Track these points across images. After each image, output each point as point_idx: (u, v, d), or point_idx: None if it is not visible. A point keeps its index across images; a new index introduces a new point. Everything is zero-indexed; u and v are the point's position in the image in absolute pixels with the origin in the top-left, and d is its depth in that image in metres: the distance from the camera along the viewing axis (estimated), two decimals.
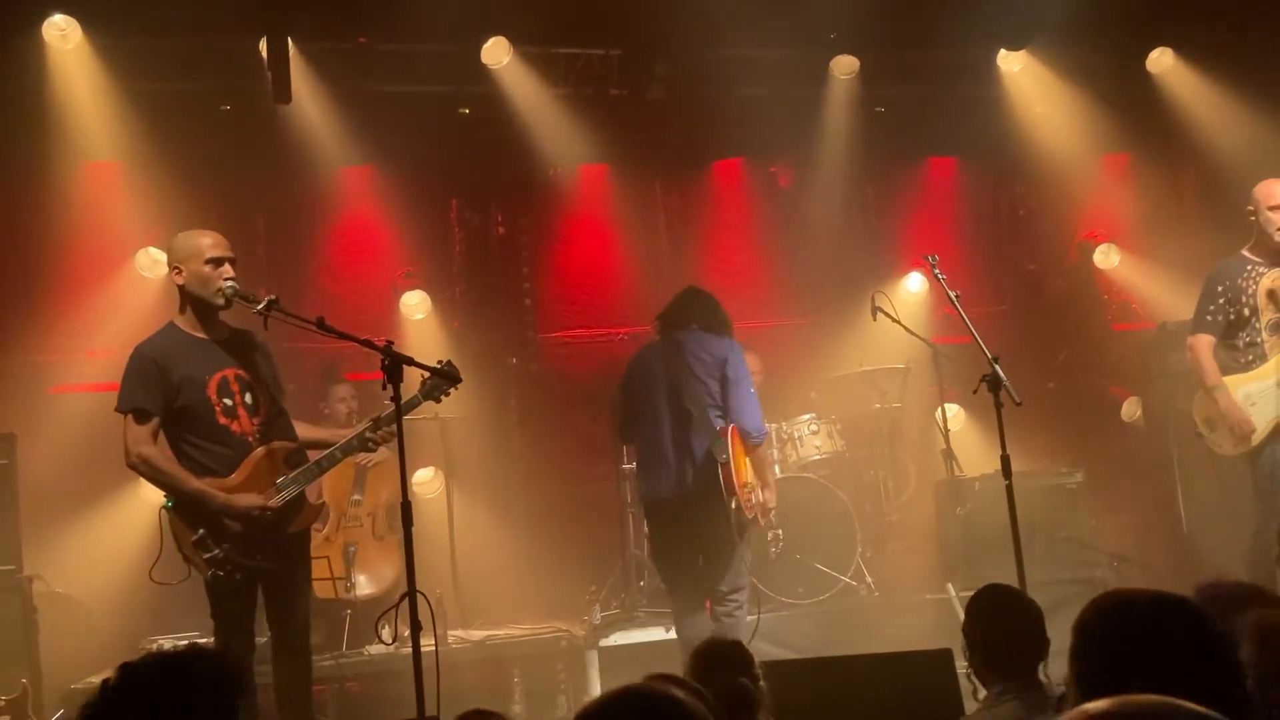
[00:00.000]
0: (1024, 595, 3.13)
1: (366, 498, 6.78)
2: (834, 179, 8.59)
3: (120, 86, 7.12)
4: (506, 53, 7.79)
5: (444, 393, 4.53)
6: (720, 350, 5.56)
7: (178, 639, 5.99)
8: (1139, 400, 8.41)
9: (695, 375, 5.52)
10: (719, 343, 5.61)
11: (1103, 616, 1.90)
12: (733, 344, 5.64)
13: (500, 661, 6.30)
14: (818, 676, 3.76)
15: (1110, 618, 1.90)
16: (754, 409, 5.51)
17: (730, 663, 3.06)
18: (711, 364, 5.55)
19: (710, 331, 5.67)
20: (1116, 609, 1.92)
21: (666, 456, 5.50)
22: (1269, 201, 5.62)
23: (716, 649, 3.26)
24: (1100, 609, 1.92)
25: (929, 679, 3.73)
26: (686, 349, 5.60)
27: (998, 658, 2.90)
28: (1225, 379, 5.71)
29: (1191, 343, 5.85)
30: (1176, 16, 8.22)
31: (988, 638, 2.98)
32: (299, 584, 4.62)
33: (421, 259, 8.18)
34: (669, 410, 5.54)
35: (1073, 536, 6.94)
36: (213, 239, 4.55)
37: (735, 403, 5.47)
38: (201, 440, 4.49)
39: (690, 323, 5.71)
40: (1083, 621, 1.92)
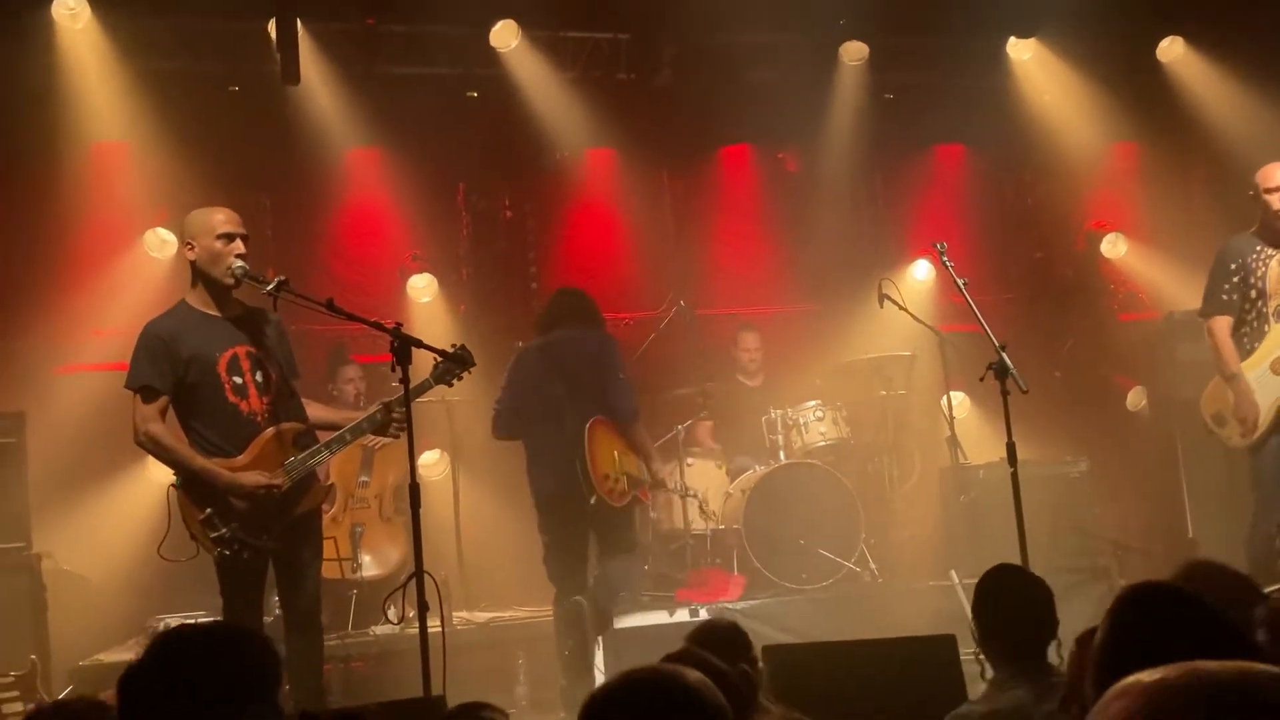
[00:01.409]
0: (1034, 576, 3.12)
1: (374, 479, 6.81)
2: (841, 166, 8.58)
3: (129, 66, 7.12)
4: (515, 36, 7.78)
5: (456, 377, 4.54)
6: (593, 345, 5.90)
7: (185, 618, 6.03)
8: (1144, 389, 8.41)
9: (573, 373, 5.82)
10: (594, 338, 5.94)
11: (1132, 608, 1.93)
12: (605, 336, 6.03)
13: (504, 644, 6.33)
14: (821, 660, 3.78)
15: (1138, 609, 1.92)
16: (626, 391, 5.86)
17: (727, 646, 3.05)
18: (588, 359, 5.87)
19: (588, 328, 5.97)
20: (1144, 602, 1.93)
21: (550, 454, 5.75)
22: (1267, 184, 5.58)
23: (712, 631, 3.23)
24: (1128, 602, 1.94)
25: (932, 664, 3.75)
26: (565, 348, 5.90)
27: (1006, 638, 2.90)
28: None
29: (1210, 326, 5.70)
30: (1187, 5, 8.20)
31: (997, 617, 2.97)
32: (307, 563, 4.64)
33: (429, 242, 8.18)
34: (550, 409, 5.78)
35: (1076, 525, 6.96)
36: (226, 215, 4.56)
37: (609, 388, 5.80)
38: (210, 419, 4.51)
39: (566, 322, 5.98)
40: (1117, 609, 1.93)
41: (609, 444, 5.72)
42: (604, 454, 5.67)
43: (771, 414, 7.39)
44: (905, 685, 3.60)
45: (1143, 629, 1.88)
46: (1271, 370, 5.55)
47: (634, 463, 5.85)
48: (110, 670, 5.74)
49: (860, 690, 3.47)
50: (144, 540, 5.86)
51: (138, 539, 6.14)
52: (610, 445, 5.74)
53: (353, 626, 6.31)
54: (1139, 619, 1.91)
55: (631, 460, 5.83)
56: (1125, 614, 1.93)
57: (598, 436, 5.68)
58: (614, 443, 5.77)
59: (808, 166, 8.81)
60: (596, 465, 5.61)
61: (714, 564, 7.09)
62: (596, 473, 5.61)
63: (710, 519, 7.15)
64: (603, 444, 5.69)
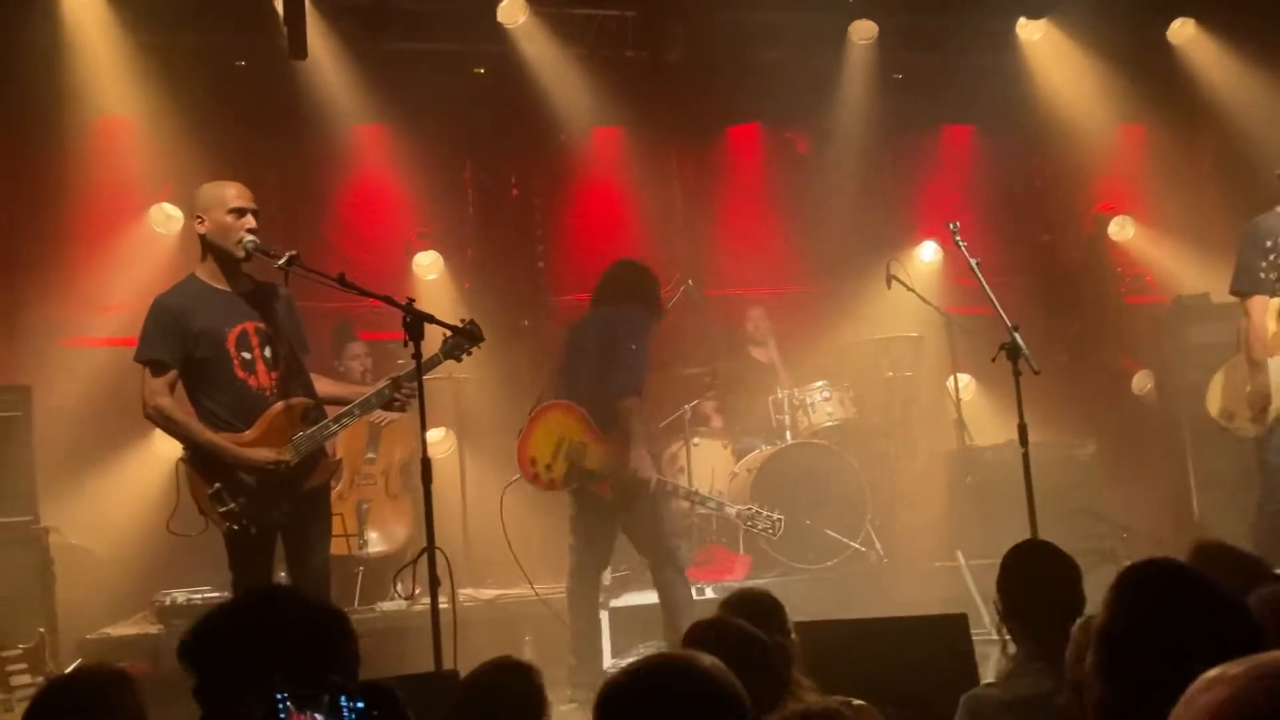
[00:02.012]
0: (1064, 554, 3.07)
1: (380, 456, 6.81)
2: (850, 145, 8.54)
3: (135, 40, 7.08)
4: (523, 12, 7.74)
5: (466, 352, 4.52)
6: (608, 323, 5.59)
7: (193, 593, 6.05)
8: (1150, 373, 8.41)
9: (576, 354, 5.66)
10: (613, 315, 5.61)
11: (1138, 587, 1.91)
12: (624, 311, 5.59)
13: (510, 621, 6.34)
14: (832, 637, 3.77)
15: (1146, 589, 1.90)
16: (624, 365, 5.41)
17: (763, 616, 3.00)
18: (594, 340, 5.60)
19: (616, 304, 5.67)
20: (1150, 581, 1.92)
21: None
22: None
23: (748, 601, 3.16)
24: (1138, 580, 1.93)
25: (944, 643, 3.74)
26: (580, 329, 5.78)
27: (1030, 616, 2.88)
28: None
29: (1248, 306, 5.40)
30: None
31: (1022, 593, 2.95)
32: (316, 538, 4.63)
33: (435, 219, 8.16)
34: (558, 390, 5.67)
35: (1082, 507, 6.97)
36: (237, 190, 4.54)
37: (609, 361, 5.43)
38: (218, 393, 4.49)
39: (601, 299, 5.77)
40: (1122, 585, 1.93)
41: (555, 430, 5.45)
42: (542, 439, 5.45)
43: (779, 394, 7.40)
44: (917, 664, 3.59)
45: (1146, 607, 1.86)
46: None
47: (596, 456, 5.40)
48: (118, 644, 5.76)
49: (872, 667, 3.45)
50: (151, 514, 5.87)
51: (145, 513, 6.15)
52: (556, 431, 5.44)
53: (359, 603, 6.32)
54: (1142, 597, 1.89)
55: (593, 453, 5.41)
56: (1128, 592, 1.91)
57: (544, 420, 5.49)
58: (566, 430, 5.44)
59: (816, 146, 8.78)
60: (526, 448, 5.46)
61: (720, 543, 7.10)
62: (522, 455, 5.46)
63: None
64: (546, 428, 5.46)
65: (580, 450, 5.43)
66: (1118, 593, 1.91)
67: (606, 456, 5.39)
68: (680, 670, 1.74)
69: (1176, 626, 1.80)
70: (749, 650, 2.69)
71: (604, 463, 5.39)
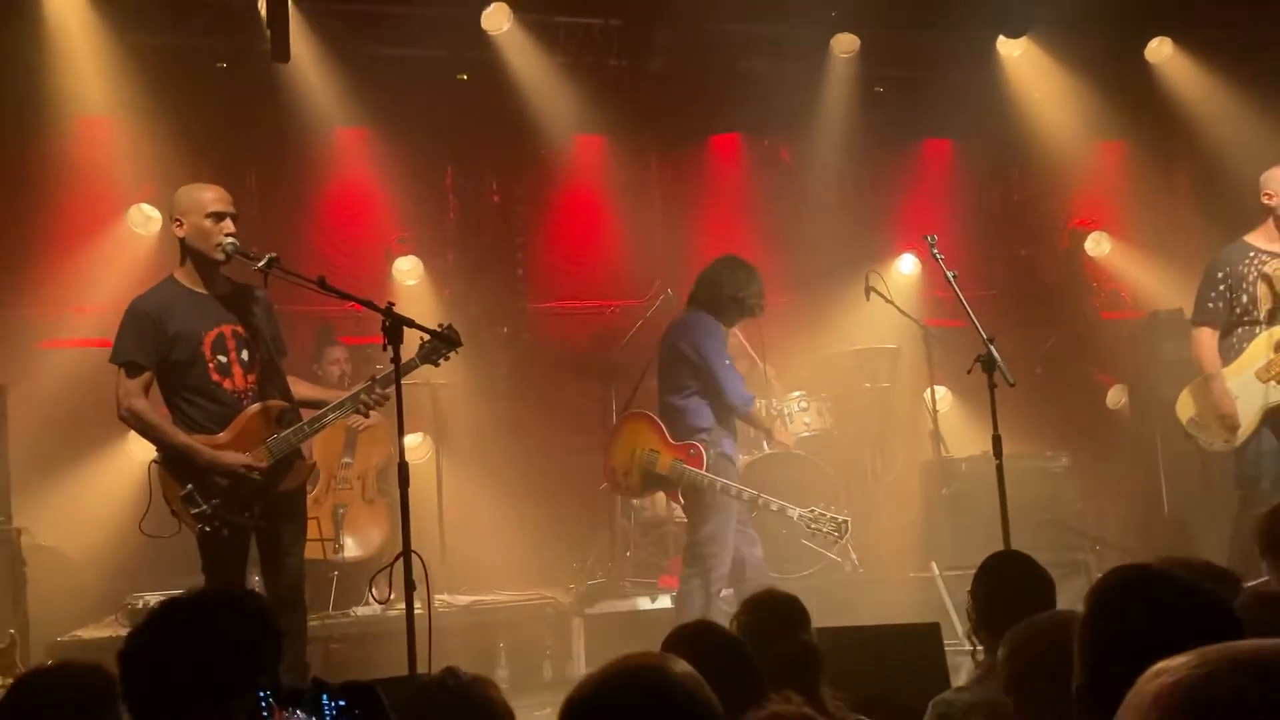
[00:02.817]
0: (1038, 565, 3.09)
1: (357, 460, 6.79)
2: (831, 157, 8.59)
3: (116, 40, 7.05)
4: (507, 19, 7.75)
5: (443, 356, 4.52)
6: (681, 330, 5.72)
7: (165, 595, 6.00)
8: (1125, 388, 8.47)
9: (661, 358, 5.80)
10: (685, 322, 5.74)
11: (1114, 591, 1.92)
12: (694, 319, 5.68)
13: (486, 627, 6.34)
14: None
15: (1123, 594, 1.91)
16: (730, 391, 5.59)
17: (790, 618, 2.97)
18: (668, 346, 5.74)
19: (690, 309, 5.76)
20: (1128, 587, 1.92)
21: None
22: (1274, 185, 5.59)
23: (771, 603, 3.12)
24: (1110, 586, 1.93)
25: (917, 651, 3.77)
26: (666, 335, 5.86)
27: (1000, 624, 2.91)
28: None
29: (1195, 335, 5.79)
30: (1176, 7, 8.24)
31: (993, 602, 2.97)
32: (290, 541, 4.62)
33: (415, 224, 8.15)
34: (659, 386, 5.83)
35: (1056, 519, 7.02)
36: (216, 193, 4.54)
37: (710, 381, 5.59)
38: (194, 396, 4.49)
39: (692, 301, 5.81)
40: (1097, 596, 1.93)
41: (630, 439, 5.72)
42: (621, 448, 5.76)
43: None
44: (888, 671, 3.62)
45: (1127, 609, 1.86)
46: (1257, 377, 5.58)
47: (666, 462, 5.54)
48: (89, 646, 5.71)
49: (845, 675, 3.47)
50: (124, 517, 5.82)
51: (118, 515, 6.10)
52: (631, 441, 5.71)
53: (334, 607, 6.30)
54: (1122, 600, 1.89)
55: (664, 459, 5.54)
56: (1108, 596, 1.91)
57: (623, 429, 5.84)
58: (639, 439, 5.66)
59: (797, 157, 8.82)
60: (608, 457, 5.83)
61: None
62: (605, 463, 5.85)
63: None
64: (623, 438, 5.77)
65: (652, 458, 5.61)
66: (1099, 595, 1.91)
67: (676, 462, 5.54)
68: (651, 677, 1.71)
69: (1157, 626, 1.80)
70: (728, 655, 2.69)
71: (673, 468, 5.53)
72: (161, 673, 2.06)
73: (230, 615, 2.13)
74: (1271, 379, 5.52)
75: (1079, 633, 1.88)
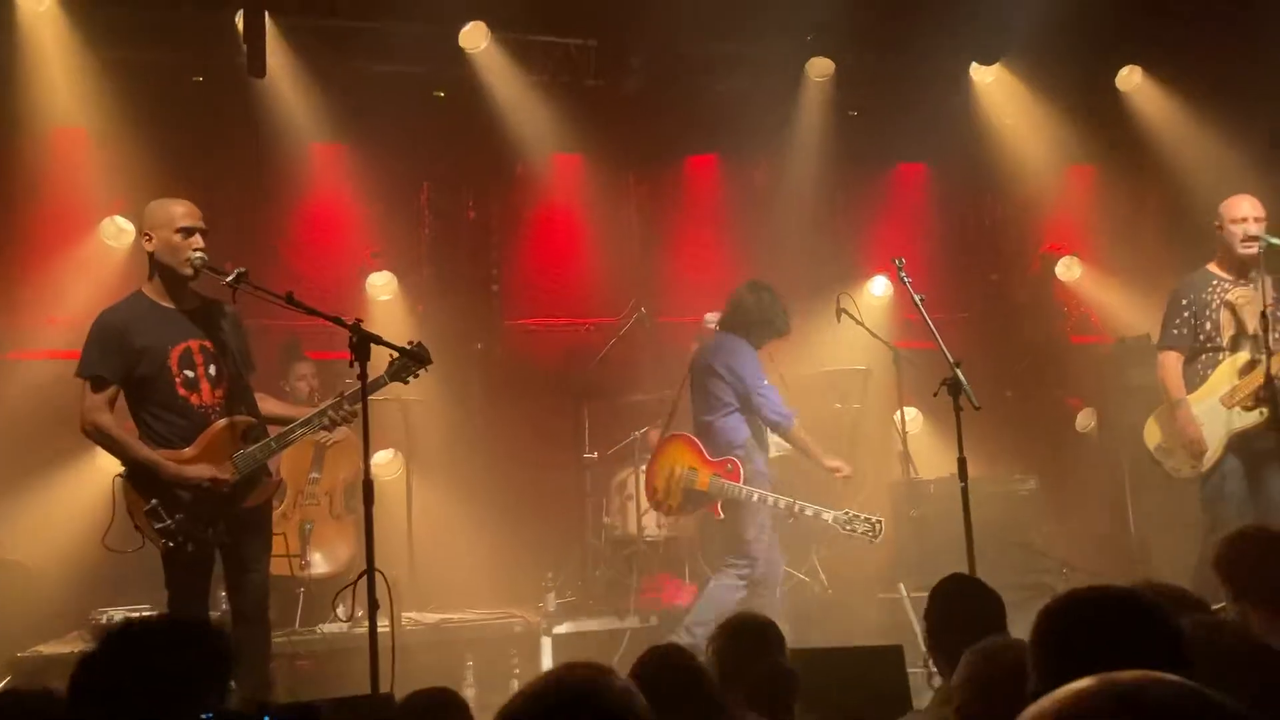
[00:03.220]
0: (987, 587, 3.14)
1: (325, 476, 6.76)
2: (805, 180, 8.65)
3: (92, 53, 7.04)
4: (484, 38, 7.78)
5: (412, 374, 4.52)
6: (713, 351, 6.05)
7: (129, 610, 5.95)
8: (1094, 411, 8.54)
9: (694, 380, 6.10)
10: (716, 344, 6.06)
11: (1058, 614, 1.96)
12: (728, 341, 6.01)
13: (453, 645, 6.31)
14: None
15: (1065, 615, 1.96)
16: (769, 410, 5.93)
17: (766, 642, 2.98)
18: (701, 368, 6.04)
19: (722, 332, 6.07)
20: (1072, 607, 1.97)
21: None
22: (1233, 214, 5.65)
23: (747, 627, 3.15)
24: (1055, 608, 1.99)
25: (879, 674, 3.78)
26: (697, 358, 6.17)
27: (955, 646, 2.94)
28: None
29: (1160, 360, 5.86)
30: (1146, 36, 8.36)
31: (946, 626, 3.00)
32: (255, 557, 4.61)
33: (390, 240, 8.14)
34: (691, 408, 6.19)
35: (1023, 542, 7.05)
36: (186, 208, 4.53)
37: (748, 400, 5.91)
38: (160, 411, 4.48)
39: (724, 325, 6.15)
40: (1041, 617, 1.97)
41: (669, 461, 6.01)
42: (661, 470, 6.04)
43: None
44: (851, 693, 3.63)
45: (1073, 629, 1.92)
46: (1222, 403, 5.63)
47: (705, 477, 5.86)
48: (50, 663, 5.65)
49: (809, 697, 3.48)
50: (89, 531, 5.76)
51: (82, 530, 6.04)
52: (669, 462, 6.00)
53: (300, 624, 6.26)
54: (1069, 620, 1.95)
55: (703, 476, 5.87)
56: (1057, 616, 1.96)
57: (663, 452, 6.09)
58: (677, 459, 5.98)
59: (772, 179, 8.87)
60: (650, 477, 6.13)
61: (666, 572, 7.11)
62: (646, 483, 6.16)
63: (664, 526, 7.18)
64: (662, 460, 6.05)
65: (692, 476, 5.92)
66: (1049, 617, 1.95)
67: (715, 477, 5.83)
68: (586, 689, 1.69)
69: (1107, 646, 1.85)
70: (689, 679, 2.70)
71: (713, 484, 5.82)
72: (109, 699, 2.05)
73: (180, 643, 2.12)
74: (1236, 405, 5.58)
75: (1030, 652, 1.93)
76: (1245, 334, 5.65)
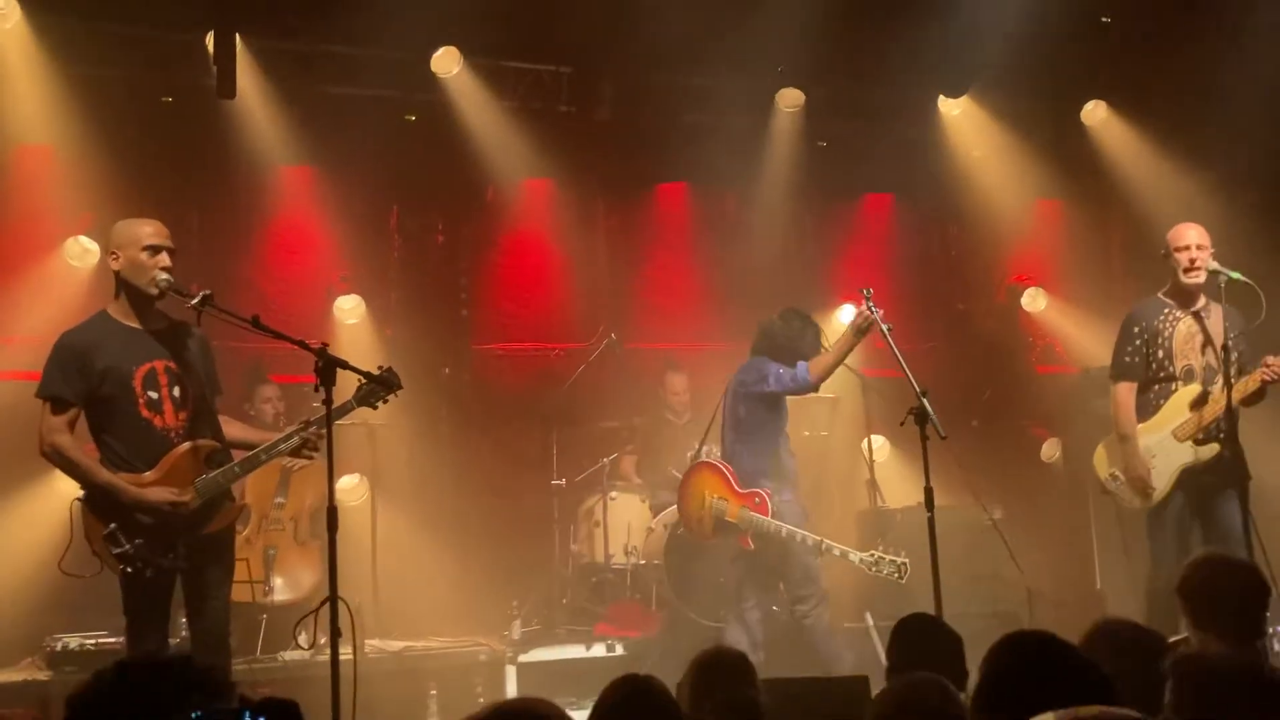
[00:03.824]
0: (946, 626, 3.19)
1: (290, 501, 6.68)
2: (774, 209, 8.71)
3: (59, 70, 6.98)
4: (457, 63, 7.79)
5: (381, 399, 4.48)
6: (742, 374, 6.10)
7: (86, 637, 5.85)
8: (1059, 441, 8.61)
9: (725, 405, 6.17)
10: (750, 364, 6.11)
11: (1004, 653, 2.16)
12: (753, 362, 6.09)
13: (416, 673, 6.24)
14: None
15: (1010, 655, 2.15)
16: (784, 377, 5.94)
17: (733, 674, 2.99)
18: (730, 392, 6.13)
19: (762, 355, 6.10)
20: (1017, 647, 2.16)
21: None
22: (1177, 243, 5.67)
23: (719, 659, 3.16)
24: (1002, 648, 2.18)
25: (844, 704, 3.77)
26: (734, 378, 6.21)
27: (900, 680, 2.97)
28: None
29: (1113, 389, 5.83)
30: (1111, 72, 8.51)
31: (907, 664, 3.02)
32: (216, 583, 4.53)
33: (359, 263, 8.10)
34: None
35: (989, 572, 7.07)
36: (154, 228, 4.50)
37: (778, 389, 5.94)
38: (122, 432, 4.42)
39: (754, 350, 6.18)
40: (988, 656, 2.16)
41: (700, 487, 6.10)
42: (692, 495, 6.14)
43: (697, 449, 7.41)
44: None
45: (1015, 672, 2.10)
46: (1174, 436, 5.63)
47: (734, 509, 5.91)
48: (4, 690, 5.55)
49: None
50: (46, 556, 5.65)
51: (39, 554, 5.93)
52: (701, 489, 6.09)
53: (261, 651, 6.17)
54: (1012, 664, 2.13)
55: (733, 508, 5.92)
56: (1000, 659, 2.14)
57: (693, 477, 6.19)
58: (708, 488, 6.05)
59: (742, 208, 8.92)
60: (682, 502, 6.23)
61: (633, 598, 7.08)
62: (679, 508, 6.28)
63: (631, 553, 7.15)
64: (694, 485, 6.15)
65: (722, 506, 5.97)
66: (992, 659, 2.14)
67: (744, 510, 5.87)
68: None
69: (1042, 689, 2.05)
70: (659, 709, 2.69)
71: (742, 516, 5.86)
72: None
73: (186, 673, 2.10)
74: (1189, 438, 5.59)
75: (973, 692, 2.12)
76: (1196, 364, 5.69)
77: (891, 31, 7.60)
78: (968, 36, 7.71)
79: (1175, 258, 5.68)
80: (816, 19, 7.40)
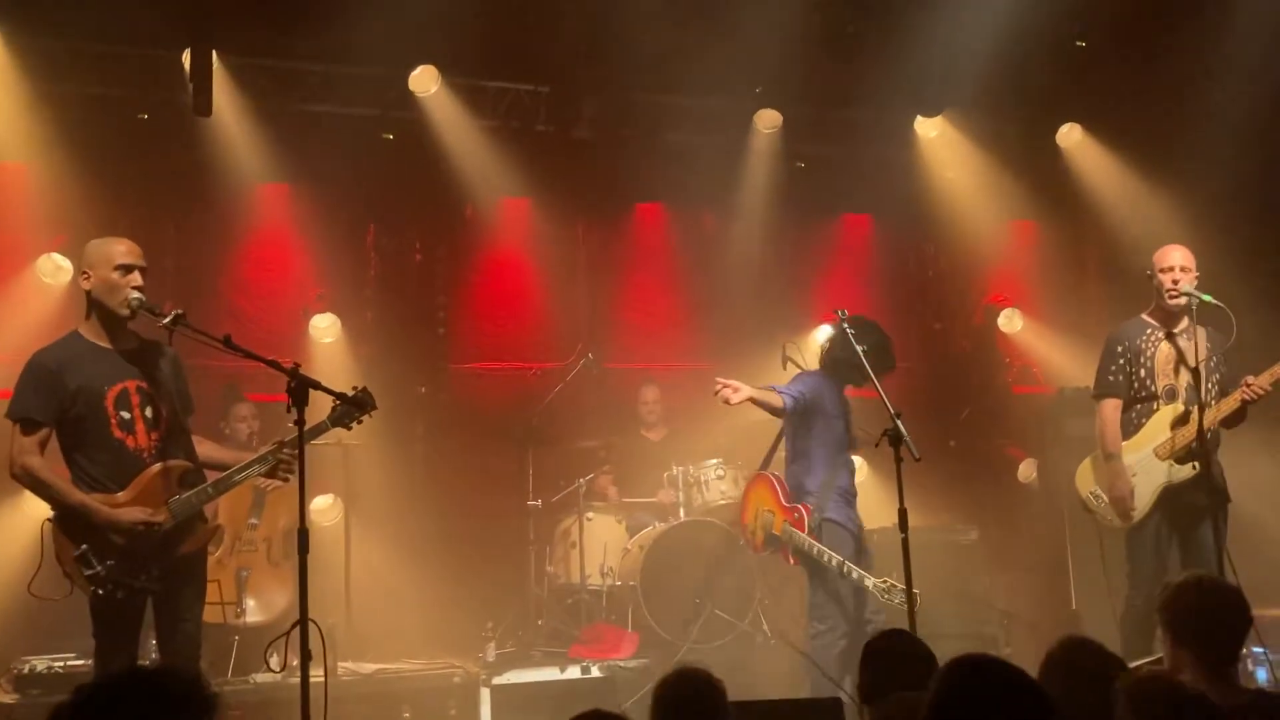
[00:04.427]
0: (919, 642, 3.17)
1: (264, 522, 6.63)
2: (752, 229, 8.74)
3: (33, 87, 6.96)
4: (435, 81, 7.80)
5: (356, 420, 4.46)
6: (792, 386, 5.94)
7: (54, 660, 5.78)
8: (1035, 462, 8.63)
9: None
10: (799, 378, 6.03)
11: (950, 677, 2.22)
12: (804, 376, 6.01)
13: (389, 696, 6.17)
14: None
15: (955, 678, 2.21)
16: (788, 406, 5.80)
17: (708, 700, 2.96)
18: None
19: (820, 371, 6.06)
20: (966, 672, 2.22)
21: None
22: (1161, 264, 5.71)
23: (692, 683, 3.10)
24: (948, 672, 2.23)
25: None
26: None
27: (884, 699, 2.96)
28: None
29: (1099, 407, 5.84)
30: (1086, 95, 8.59)
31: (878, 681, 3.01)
32: (187, 605, 4.49)
33: (335, 282, 8.07)
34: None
35: (964, 592, 7.07)
36: (126, 246, 4.47)
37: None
38: (94, 453, 4.38)
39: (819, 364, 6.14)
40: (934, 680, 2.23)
41: (754, 499, 6.13)
42: (749, 506, 6.17)
43: (674, 470, 7.41)
44: None
45: (963, 694, 2.17)
46: (1155, 455, 5.66)
47: (779, 522, 5.84)
48: None
49: None
50: (14, 577, 5.58)
51: (8, 575, 5.85)
52: (755, 501, 6.12)
53: (233, 673, 6.11)
54: (960, 686, 2.19)
55: (778, 520, 5.86)
56: (948, 681, 2.21)
57: (751, 489, 6.23)
58: (761, 499, 6.06)
59: (720, 228, 8.95)
60: (742, 514, 6.28)
61: (609, 620, 7.04)
62: (740, 518, 6.31)
63: (607, 575, 7.12)
64: (751, 497, 6.19)
65: (769, 519, 5.94)
66: (941, 681, 2.21)
67: (786, 525, 5.79)
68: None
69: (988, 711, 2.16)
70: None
71: (784, 531, 5.80)
72: None
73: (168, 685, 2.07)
74: (1170, 457, 5.63)
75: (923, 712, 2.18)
76: (1178, 384, 5.72)
77: (868, 53, 7.66)
78: (944, 59, 7.78)
79: (1158, 279, 5.73)
80: (794, 40, 7.46)
